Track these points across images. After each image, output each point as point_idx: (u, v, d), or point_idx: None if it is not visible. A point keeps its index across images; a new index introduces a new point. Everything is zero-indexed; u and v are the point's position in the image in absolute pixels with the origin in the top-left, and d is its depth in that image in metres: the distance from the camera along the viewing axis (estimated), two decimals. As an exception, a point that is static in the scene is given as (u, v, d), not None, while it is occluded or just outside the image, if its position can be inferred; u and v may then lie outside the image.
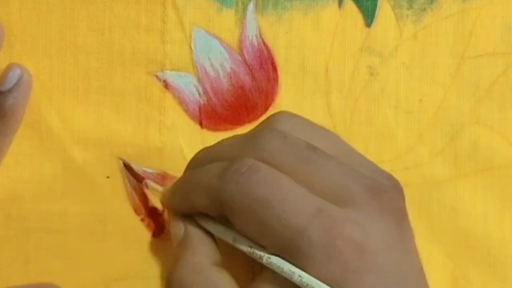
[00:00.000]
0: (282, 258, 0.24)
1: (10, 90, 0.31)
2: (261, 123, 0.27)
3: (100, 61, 0.34)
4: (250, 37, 0.33)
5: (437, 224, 0.34)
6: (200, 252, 0.26)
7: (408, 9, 0.33)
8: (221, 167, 0.25)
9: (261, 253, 0.24)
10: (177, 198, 0.28)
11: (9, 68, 0.31)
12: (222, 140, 0.28)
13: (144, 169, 0.33)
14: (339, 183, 0.24)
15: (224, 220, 0.26)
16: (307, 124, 0.26)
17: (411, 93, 0.33)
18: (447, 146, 0.33)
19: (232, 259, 0.27)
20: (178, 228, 0.28)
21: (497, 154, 0.33)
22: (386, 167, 0.33)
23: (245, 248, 0.25)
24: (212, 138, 0.33)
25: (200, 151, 0.29)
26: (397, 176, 0.34)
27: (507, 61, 0.33)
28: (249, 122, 0.34)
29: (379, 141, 0.34)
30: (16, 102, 0.31)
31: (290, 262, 0.24)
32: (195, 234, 0.27)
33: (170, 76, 0.33)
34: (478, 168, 0.34)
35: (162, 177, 0.33)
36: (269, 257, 0.24)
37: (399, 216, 0.24)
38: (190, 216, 0.28)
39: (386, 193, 0.24)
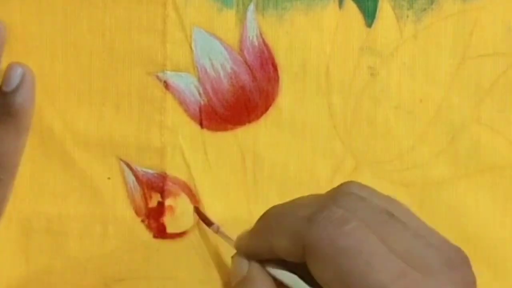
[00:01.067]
0: None
1: (16, 89, 0.31)
2: (333, 189, 0.27)
3: (101, 61, 0.34)
4: (251, 37, 0.33)
5: (437, 224, 0.33)
6: None
7: (408, 9, 0.33)
8: (309, 211, 0.25)
9: None
10: (255, 242, 0.28)
11: (10, 67, 0.31)
12: (296, 198, 0.29)
13: (145, 169, 0.33)
14: (417, 252, 0.24)
15: (298, 267, 0.26)
16: (379, 193, 0.27)
17: (411, 93, 0.33)
18: (447, 146, 0.34)
19: None
20: (241, 265, 0.28)
21: (498, 154, 0.34)
22: (387, 167, 0.34)
23: None
24: (212, 138, 0.33)
25: (273, 207, 0.29)
26: (398, 176, 0.34)
27: (508, 62, 0.33)
28: (249, 122, 0.34)
29: (379, 141, 0.34)
30: (24, 100, 0.32)
31: None
32: (258, 275, 0.27)
33: (171, 76, 0.33)
34: (478, 168, 0.34)
35: (162, 178, 0.33)
36: None
37: None
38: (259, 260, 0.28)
39: (460, 268, 0.24)
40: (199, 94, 0.33)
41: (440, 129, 0.33)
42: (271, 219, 0.27)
